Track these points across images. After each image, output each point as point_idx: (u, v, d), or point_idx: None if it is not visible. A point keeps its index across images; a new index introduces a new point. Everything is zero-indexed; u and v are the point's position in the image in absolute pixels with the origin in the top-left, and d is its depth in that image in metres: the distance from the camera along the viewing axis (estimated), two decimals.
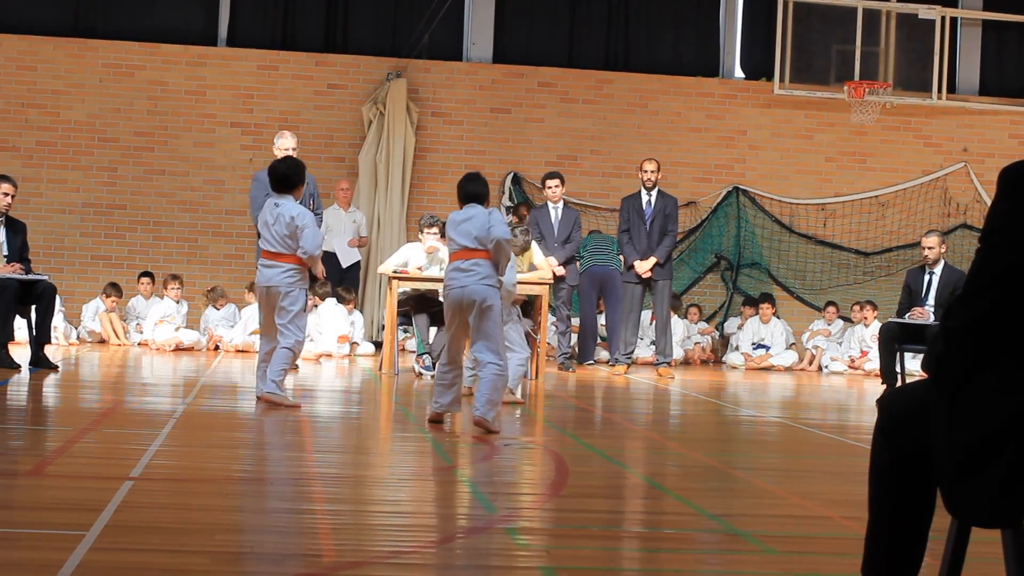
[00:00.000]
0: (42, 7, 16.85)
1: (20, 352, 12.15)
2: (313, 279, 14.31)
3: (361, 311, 15.95)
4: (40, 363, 11.30)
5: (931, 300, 11.60)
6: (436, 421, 8.28)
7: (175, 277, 15.60)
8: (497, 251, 8.04)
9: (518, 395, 9.95)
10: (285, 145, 12.17)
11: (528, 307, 12.38)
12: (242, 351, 14.91)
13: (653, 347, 14.74)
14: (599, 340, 15.67)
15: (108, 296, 15.56)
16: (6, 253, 11.50)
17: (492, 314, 8.01)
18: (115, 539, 4.38)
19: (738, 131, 17.65)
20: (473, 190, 8.22)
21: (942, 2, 17.36)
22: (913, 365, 13.59)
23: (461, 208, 8.24)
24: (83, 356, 13.73)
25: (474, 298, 7.98)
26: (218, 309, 15.57)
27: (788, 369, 16.30)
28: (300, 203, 9.42)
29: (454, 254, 8.17)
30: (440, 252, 12.36)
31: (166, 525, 4.70)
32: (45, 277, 11.70)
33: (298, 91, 16.93)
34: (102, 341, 15.57)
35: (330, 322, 14.69)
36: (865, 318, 16.21)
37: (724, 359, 16.81)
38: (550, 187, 13.97)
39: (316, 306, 14.60)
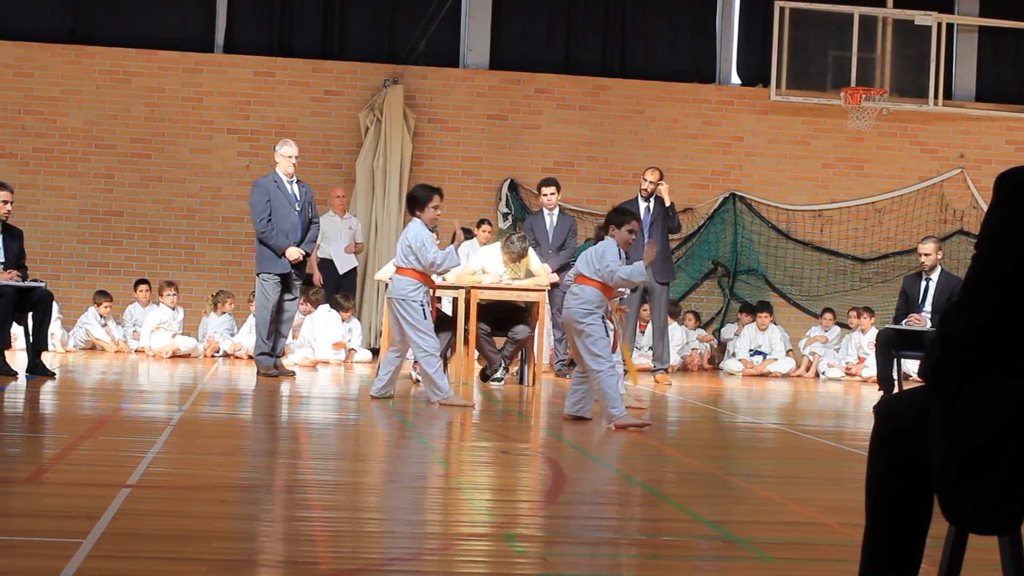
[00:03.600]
0: (39, 14, 16.84)
1: (17, 359, 12.15)
2: (308, 285, 14.39)
3: (359, 318, 15.94)
4: (37, 370, 11.29)
5: (928, 306, 11.60)
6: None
7: (171, 284, 15.59)
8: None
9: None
10: (288, 152, 12.23)
11: (525, 314, 12.38)
12: (239, 357, 14.91)
13: (651, 352, 14.73)
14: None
15: (99, 304, 15.55)
16: (3, 260, 11.49)
17: (584, 334, 8.77)
18: (112, 547, 4.37)
19: (735, 137, 17.65)
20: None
21: (938, 8, 17.36)
22: (911, 370, 13.58)
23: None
24: (80, 363, 13.71)
25: (569, 320, 8.91)
26: (219, 315, 15.57)
27: (785, 376, 16.29)
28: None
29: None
30: None
31: (163, 532, 4.69)
32: (42, 284, 11.69)
33: (295, 97, 16.93)
34: (92, 347, 15.54)
35: (324, 329, 14.69)
36: (862, 324, 16.20)
37: (721, 366, 16.80)
38: (545, 194, 13.96)
39: (308, 313, 14.61)
